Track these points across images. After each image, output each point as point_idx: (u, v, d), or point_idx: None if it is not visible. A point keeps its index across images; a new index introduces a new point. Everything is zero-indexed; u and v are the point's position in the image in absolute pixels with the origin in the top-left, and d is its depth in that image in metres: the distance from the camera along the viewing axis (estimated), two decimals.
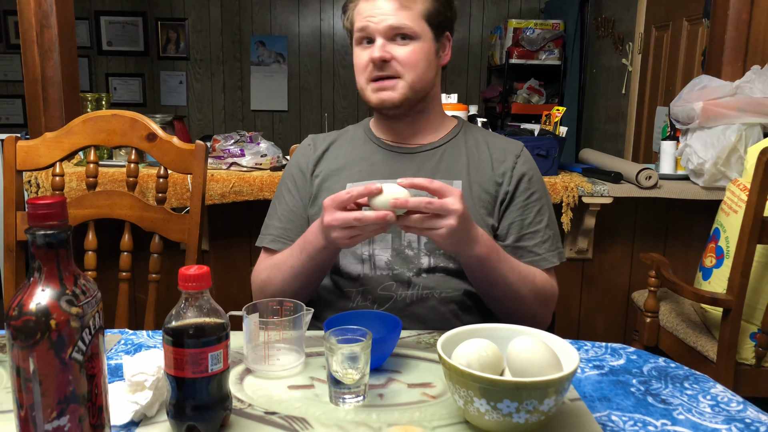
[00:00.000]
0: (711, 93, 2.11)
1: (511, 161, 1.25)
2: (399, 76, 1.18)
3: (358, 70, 1.22)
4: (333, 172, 1.27)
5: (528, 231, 1.22)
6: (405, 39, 1.17)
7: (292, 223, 1.27)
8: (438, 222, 0.96)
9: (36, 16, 2.17)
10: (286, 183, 1.31)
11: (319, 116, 5.48)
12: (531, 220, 1.23)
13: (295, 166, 1.31)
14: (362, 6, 1.19)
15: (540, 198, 1.25)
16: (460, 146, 1.28)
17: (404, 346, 1.02)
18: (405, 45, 1.18)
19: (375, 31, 1.17)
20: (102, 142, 1.44)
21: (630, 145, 3.81)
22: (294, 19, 5.41)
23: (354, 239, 1.00)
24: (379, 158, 1.27)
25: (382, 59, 1.16)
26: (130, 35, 5.36)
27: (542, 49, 4.61)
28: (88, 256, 1.43)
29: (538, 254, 1.22)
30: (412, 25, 1.17)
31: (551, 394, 0.74)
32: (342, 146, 1.31)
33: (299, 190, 1.29)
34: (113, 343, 1.04)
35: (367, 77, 1.20)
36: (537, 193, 1.25)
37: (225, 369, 0.77)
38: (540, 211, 1.24)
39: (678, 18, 3.27)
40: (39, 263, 0.62)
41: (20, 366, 0.61)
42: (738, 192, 1.85)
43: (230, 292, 2.32)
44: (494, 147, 1.28)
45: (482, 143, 1.29)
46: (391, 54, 1.17)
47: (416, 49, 1.18)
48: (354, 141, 1.32)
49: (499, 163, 1.25)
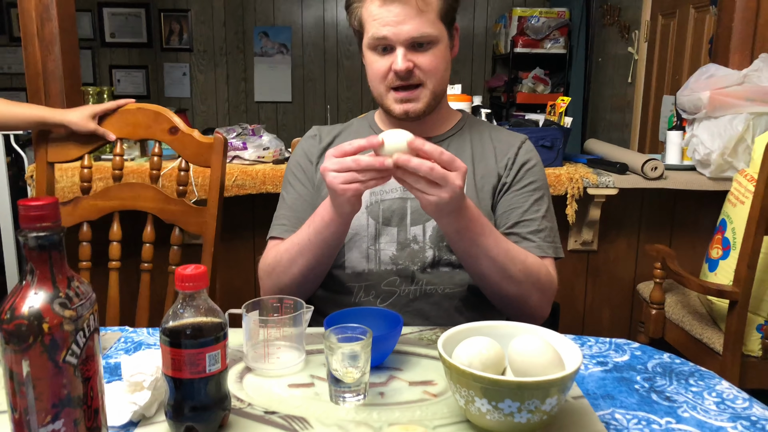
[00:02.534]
0: (718, 82, 2.08)
1: (514, 152, 1.25)
2: (421, 84, 1.16)
3: (376, 77, 1.18)
4: None
5: (524, 218, 1.20)
6: (425, 45, 1.14)
7: (303, 212, 1.24)
8: (432, 189, 0.94)
9: (36, 9, 2.16)
10: (293, 172, 1.29)
11: (323, 107, 5.46)
12: (528, 207, 1.20)
13: (301, 155, 1.30)
14: (375, 10, 1.13)
15: (539, 188, 1.23)
16: (465, 139, 1.27)
17: (406, 343, 1.01)
18: (426, 51, 1.14)
19: (396, 42, 1.12)
20: (128, 135, 1.49)
21: (636, 135, 3.77)
22: (297, 9, 5.38)
23: (351, 186, 0.96)
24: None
25: (408, 70, 1.13)
26: (133, 27, 5.34)
27: (547, 37, 4.57)
28: (113, 247, 1.46)
29: (533, 242, 1.18)
30: (431, 31, 1.13)
31: (553, 393, 0.73)
32: (347, 139, 1.30)
33: (308, 177, 1.28)
34: (113, 341, 1.03)
35: (387, 85, 1.17)
36: (536, 182, 1.23)
37: (223, 369, 0.76)
38: (538, 201, 1.22)
39: (685, 5, 3.23)
40: (31, 266, 0.61)
41: (13, 370, 0.60)
42: (745, 183, 1.82)
43: (234, 285, 2.32)
44: (498, 140, 1.27)
45: (486, 136, 1.28)
46: (414, 62, 1.13)
47: (437, 54, 1.15)
48: (359, 134, 1.30)
49: (502, 155, 1.25)
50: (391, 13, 1.11)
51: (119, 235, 1.47)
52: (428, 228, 1.20)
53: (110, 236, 1.46)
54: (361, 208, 1.18)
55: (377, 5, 1.12)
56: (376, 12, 1.12)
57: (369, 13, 1.14)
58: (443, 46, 1.17)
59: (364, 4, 1.15)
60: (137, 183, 1.48)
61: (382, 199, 1.22)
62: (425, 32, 1.12)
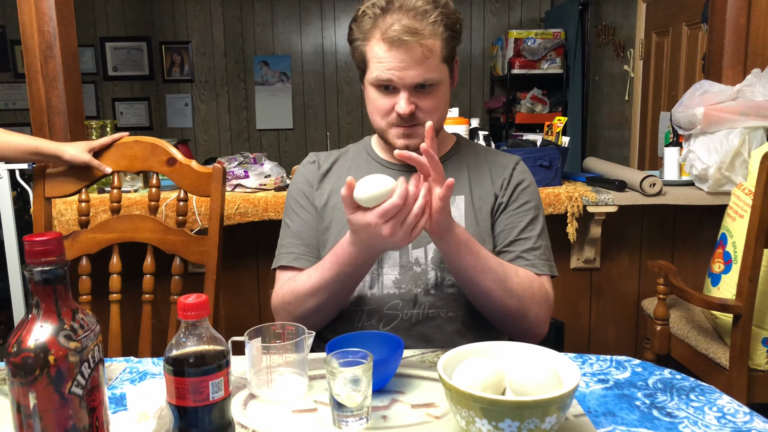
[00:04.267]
0: (712, 98, 2.10)
1: (509, 172, 1.27)
2: (422, 123, 1.17)
3: (378, 113, 1.19)
4: (337, 192, 1.27)
5: (520, 237, 1.22)
6: (427, 87, 1.16)
7: (310, 238, 1.26)
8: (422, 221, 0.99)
9: (40, 46, 2.21)
10: (295, 199, 1.30)
11: (324, 133, 5.51)
12: (523, 227, 1.23)
13: (302, 182, 1.31)
14: (380, 53, 1.13)
15: (534, 208, 1.25)
16: (462, 163, 1.29)
17: (407, 366, 1.02)
18: (429, 94, 1.16)
19: (400, 85, 1.14)
20: (125, 168, 1.50)
21: (636, 151, 3.80)
22: (296, 38, 5.46)
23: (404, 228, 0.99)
24: None
25: (411, 113, 1.15)
26: (135, 60, 5.42)
27: (544, 58, 4.62)
28: (113, 279, 1.46)
29: (528, 260, 1.20)
30: (435, 76, 1.15)
31: (552, 411, 0.73)
32: (344, 164, 1.32)
33: (310, 203, 1.29)
34: (118, 372, 1.04)
35: (389, 122, 1.19)
36: (531, 202, 1.26)
37: (226, 396, 0.77)
38: (533, 221, 1.24)
39: (677, 23, 3.27)
40: (37, 299, 0.63)
41: (21, 402, 0.61)
42: (743, 196, 1.84)
43: (238, 313, 2.33)
44: (492, 162, 1.30)
45: (482, 159, 1.30)
46: (416, 104, 1.15)
47: (438, 96, 1.18)
48: (356, 160, 1.32)
49: (498, 176, 1.27)
50: (396, 59, 1.12)
51: (119, 268, 1.48)
52: (429, 250, 1.22)
53: (110, 268, 1.47)
54: None
55: (383, 49, 1.13)
56: (381, 55, 1.13)
57: (373, 54, 1.15)
58: (445, 85, 1.19)
59: (369, 43, 1.15)
60: (136, 215, 1.50)
61: None
62: (429, 77, 1.14)
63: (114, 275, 1.47)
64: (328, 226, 1.26)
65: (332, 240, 1.22)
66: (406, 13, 1.11)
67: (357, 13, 1.17)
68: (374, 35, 1.14)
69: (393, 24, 1.10)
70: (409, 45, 1.10)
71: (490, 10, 5.37)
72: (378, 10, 1.13)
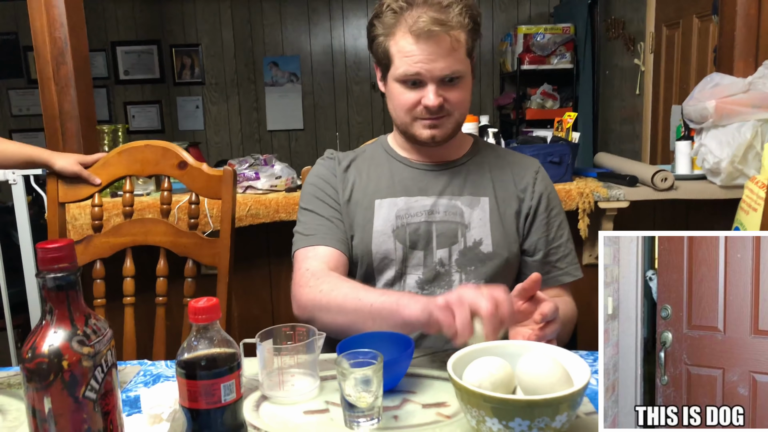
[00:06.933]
0: (723, 90, 2.09)
1: (531, 177, 1.29)
2: (448, 114, 1.19)
3: (403, 108, 1.20)
4: (358, 189, 1.27)
5: (552, 246, 1.27)
6: (454, 80, 1.17)
7: (338, 229, 1.24)
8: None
9: (52, 53, 2.23)
10: (318, 188, 1.28)
11: (334, 132, 5.53)
12: (554, 235, 1.28)
13: (325, 174, 1.30)
14: (407, 47, 1.14)
15: (559, 213, 1.30)
16: (483, 164, 1.30)
17: (418, 366, 1.03)
18: (455, 86, 1.17)
19: (428, 78, 1.14)
20: (136, 172, 1.51)
21: (647, 146, 3.77)
22: (305, 38, 5.47)
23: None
24: (407, 175, 1.28)
25: (439, 105, 1.16)
26: (146, 63, 5.46)
27: (554, 53, 4.60)
28: (127, 282, 1.48)
29: (561, 269, 1.27)
30: (461, 68, 1.16)
31: (563, 410, 0.73)
32: (363, 164, 1.32)
33: (334, 198, 1.27)
34: (132, 375, 1.06)
35: (415, 116, 1.19)
36: (556, 208, 1.30)
37: (238, 398, 0.78)
38: (560, 226, 1.29)
39: (688, 15, 3.24)
40: (50, 305, 0.64)
41: (36, 407, 0.63)
42: (756, 189, 1.82)
43: (251, 314, 2.34)
44: (513, 163, 1.32)
45: (502, 160, 1.32)
46: (444, 97, 1.16)
47: (463, 87, 1.19)
48: (375, 159, 1.32)
49: (520, 179, 1.29)
50: (425, 51, 1.12)
51: (132, 271, 1.49)
52: (454, 252, 1.22)
53: (124, 272, 1.48)
54: (388, 232, 1.21)
55: (409, 42, 1.13)
56: (408, 49, 1.13)
57: (399, 49, 1.15)
58: (469, 79, 1.21)
59: (393, 38, 1.15)
60: (148, 218, 1.51)
61: (408, 223, 1.23)
62: (456, 69, 1.15)
63: (127, 279, 1.49)
64: (351, 223, 1.25)
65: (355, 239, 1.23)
66: (431, 7, 1.12)
67: (379, 9, 1.17)
68: (399, 29, 1.14)
69: (420, 17, 1.11)
70: (438, 36, 1.11)
71: (498, 5, 5.35)
72: (403, 3, 1.13)
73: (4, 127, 5.46)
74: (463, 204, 1.24)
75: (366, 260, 1.23)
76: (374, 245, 1.22)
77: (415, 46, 1.13)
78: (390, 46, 1.16)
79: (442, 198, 1.25)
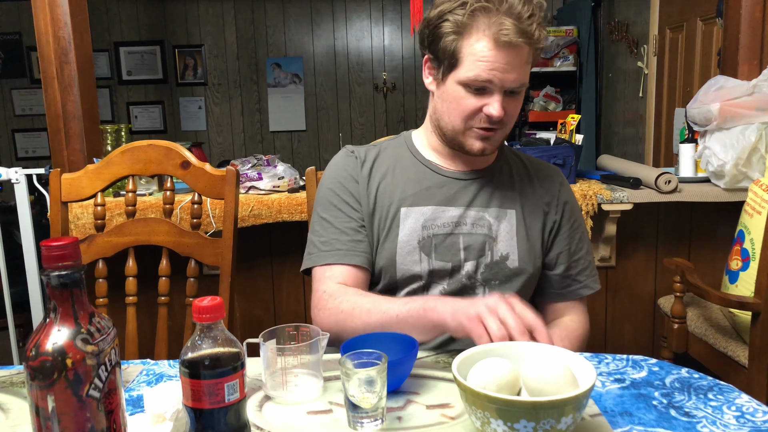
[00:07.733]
0: (728, 93, 2.08)
1: (556, 189, 1.27)
2: (503, 126, 1.16)
3: (460, 114, 1.14)
4: (383, 194, 1.22)
5: (573, 259, 1.26)
6: (515, 92, 1.13)
7: (356, 236, 1.19)
8: None
9: (55, 53, 2.23)
10: (336, 194, 1.22)
11: (337, 134, 5.53)
12: (575, 248, 1.26)
13: (344, 177, 1.24)
14: (484, 52, 1.07)
15: (580, 225, 1.29)
16: (511, 173, 1.27)
17: (422, 367, 1.02)
18: (515, 98, 1.14)
19: (498, 87, 1.10)
20: (139, 172, 1.50)
21: (651, 148, 3.77)
22: (308, 40, 5.48)
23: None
24: (435, 183, 1.23)
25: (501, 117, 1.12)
26: (149, 64, 5.47)
27: (557, 55, 4.60)
28: (129, 282, 1.48)
29: (580, 282, 1.26)
30: (527, 81, 1.13)
31: (568, 412, 0.73)
32: (387, 163, 1.26)
33: (356, 199, 1.22)
34: (135, 374, 1.05)
35: (471, 124, 1.14)
36: (578, 220, 1.29)
37: (242, 398, 0.77)
38: (581, 238, 1.28)
39: (692, 18, 3.24)
40: (54, 303, 0.64)
41: (39, 405, 0.62)
42: (761, 192, 1.81)
43: (254, 314, 2.34)
44: (537, 173, 1.29)
45: (527, 169, 1.29)
46: (504, 108, 1.12)
47: (520, 100, 1.16)
48: (400, 160, 1.26)
49: (544, 191, 1.26)
50: (502, 60, 1.07)
51: (135, 271, 1.49)
52: (481, 265, 1.19)
53: (126, 272, 1.48)
54: (413, 243, 1.19)
55: (488, 46, 1.07)
56: (485, 54, 1.08)
57: (473, 51, 1.09)
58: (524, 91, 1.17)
59: (468, 39, 1.09)
60: (151, 218, 1.51)
61: (435, 234, 1.19)
62: (524, 82, 1.12)
63: (130, 278, 1.48)
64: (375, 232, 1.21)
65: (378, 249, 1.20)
66: (514, 15, 1.06)
67: (454, 4, 1.10)
68: (476, 32, 1.08)
69: (503, 23, 1.06)
70: (518, 47, 1.07)
71: None
72: (486, 3, 1.07)
73: (7, 127, 5.47)
74: (491, 216, 1.21)
75: (390, 271, 1.19)
76: (399, 256, 1.19)
77: (493, 52, 1.07)
78: (462, 47, 1.09)
79: (470, 210, 1.21)
